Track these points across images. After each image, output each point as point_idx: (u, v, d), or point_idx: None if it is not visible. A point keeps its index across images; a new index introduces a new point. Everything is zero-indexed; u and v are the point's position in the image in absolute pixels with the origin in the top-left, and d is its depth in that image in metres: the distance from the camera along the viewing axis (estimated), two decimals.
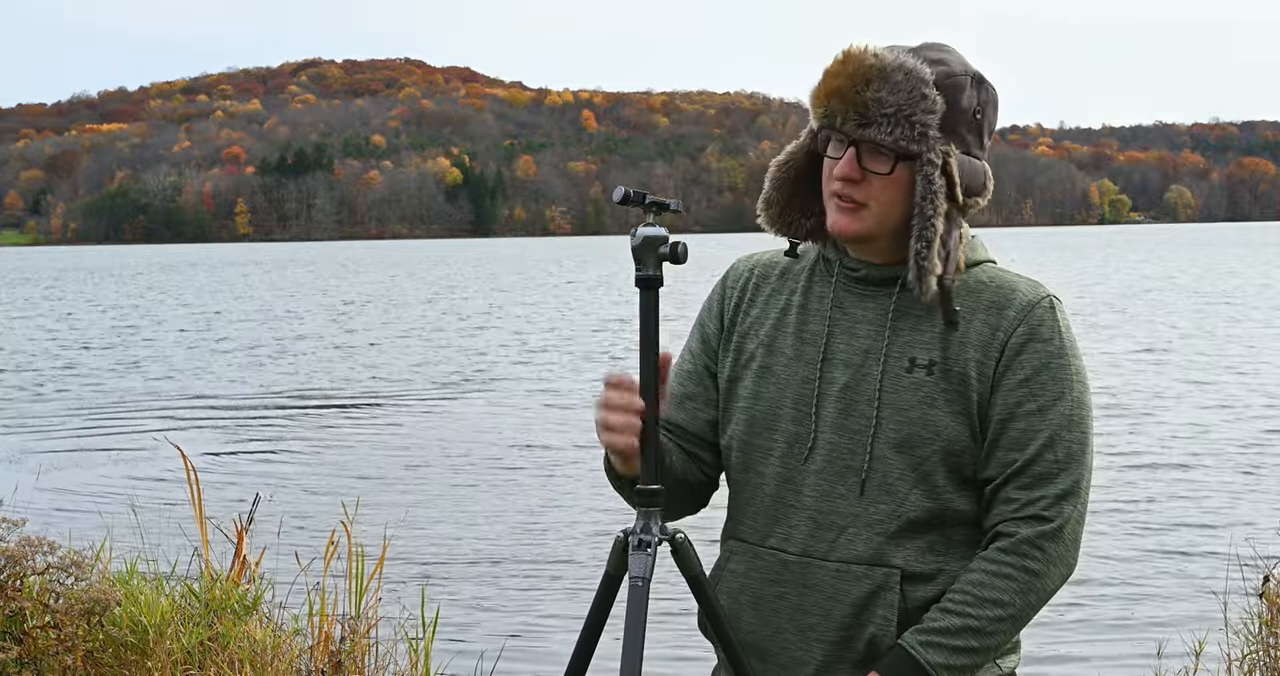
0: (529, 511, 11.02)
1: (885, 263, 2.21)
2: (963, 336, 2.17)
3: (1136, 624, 7.79)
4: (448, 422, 16.39)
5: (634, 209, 2.08)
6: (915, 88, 2.10)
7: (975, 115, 2.18)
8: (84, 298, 52.24)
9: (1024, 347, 2.16)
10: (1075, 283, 47.48)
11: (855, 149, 2.13)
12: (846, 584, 2.18)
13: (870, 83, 2.10)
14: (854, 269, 2.23)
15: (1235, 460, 12.77)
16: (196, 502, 5.07)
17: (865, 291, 2.23)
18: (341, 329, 32.82)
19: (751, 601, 2.24)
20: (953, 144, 2.15)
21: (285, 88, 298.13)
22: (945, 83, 2.13)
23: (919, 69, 2.11)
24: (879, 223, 2.16)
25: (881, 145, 2.11)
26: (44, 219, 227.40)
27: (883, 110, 2.09)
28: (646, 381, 2.08)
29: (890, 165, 2.13)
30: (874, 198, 2.15)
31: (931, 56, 2.15)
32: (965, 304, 2.19)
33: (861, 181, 2.14)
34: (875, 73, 2.10)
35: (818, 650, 2.21)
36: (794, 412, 2.22)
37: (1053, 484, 2.13)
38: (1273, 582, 4.95)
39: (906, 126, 2.10)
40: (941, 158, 2.12)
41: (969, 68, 2.18)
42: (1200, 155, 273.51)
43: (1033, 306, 2.18)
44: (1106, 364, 20.77)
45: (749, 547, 2.26)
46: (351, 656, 4.68)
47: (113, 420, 17.19)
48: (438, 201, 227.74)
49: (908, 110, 2.09)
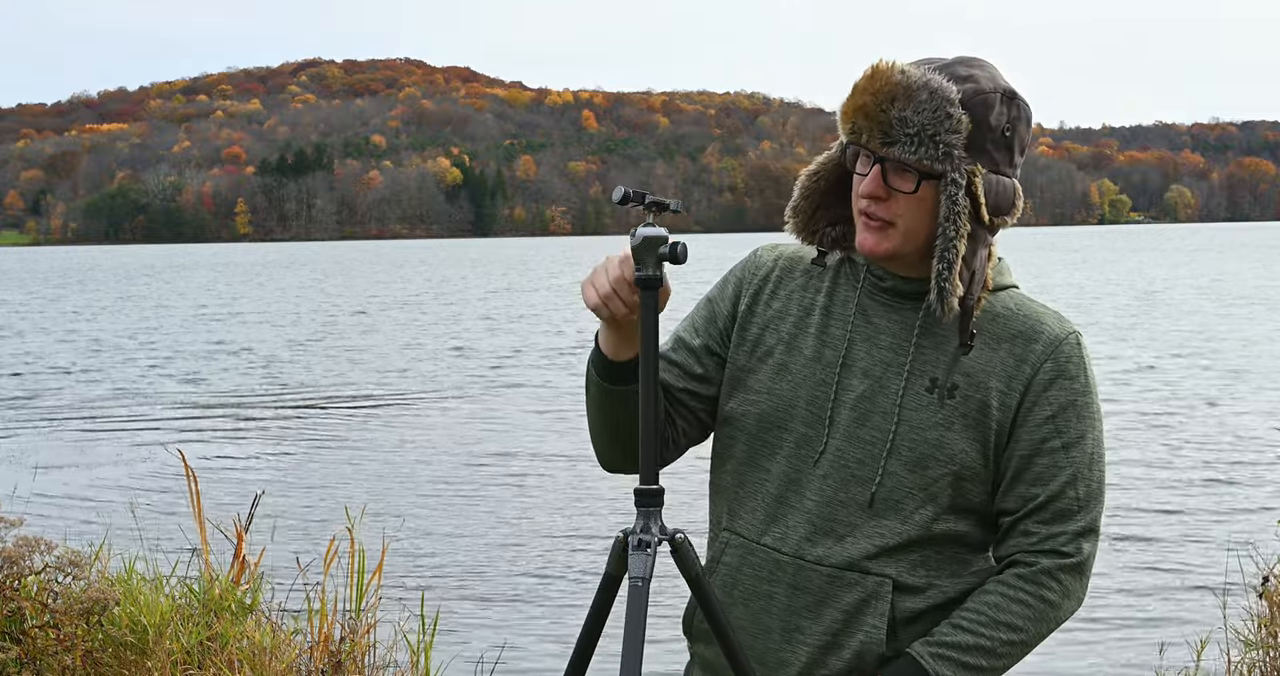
0: (529, 511, 11.02)
1: (913, 276, 2.19)
2: (987, 364, 2.17)
3: (1137, 624, 7.78)
4: (448, 424, 16.39)
5: (634, 209, 2.08)
6: (940, 107, 2.07)
7: (1005, 133, 2.14)
8: (84, 298, 52.23)
9: (1051, 384, 2.16)
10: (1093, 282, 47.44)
11: (881, 166, 2.12)
12: (838, 589, 2.18)
13: (895, 101, 2.08)
14: (881, 278, 2.22)
15: (1236, 460, 12.77)
16: (196, 505, 5.07)
17: (891, 302, 2.22)
18: (342, 329, 32.82)
19: (743, 597, 2.24)
20: (980, 163, 2.12)
21: (285, 88, 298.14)
22: (973, 101, 2.10)
23: (945, 87, 2.08)
24: (906, 241, 2.15)
25: (906, 164, 2.09)
26: (44, 219, 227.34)
27: (906, 130, 2.07)
28: (646, 380, 2.08)
29: (915, 184, 2.11)
30: (900, 216, 2.13)
31: (960, 73, 2.12)
32: (989, 330, 2.19)
33: (887, 199, 2.12)
34: (900, 91, 2.07)
35: (803, 652, 2.20)
36: (807, 414, 2.21)
37: (1074, 521, 2.16)
38: (1273, 583, 4.95)
39: (931, 146, 2.07)
40: (966, 177, 2.10)
41: (999, 84, 2.14)
42: (1200, 155, 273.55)
43: (1060, 342, 2.18)
44: (1108, 364, 20.77)
45: (744, 542, 2.26)
46: (351, 656, 4.68)
47: (112, 420, 17.19)
48: (438, 201, 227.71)
49: (931, 129, 2.07)
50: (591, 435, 2.34)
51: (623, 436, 2.26)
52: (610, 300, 2.10)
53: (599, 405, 2.26)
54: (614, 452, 2.31)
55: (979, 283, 2.15)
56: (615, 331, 2.17)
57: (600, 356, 2.22)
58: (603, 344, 2.21)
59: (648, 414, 2.08)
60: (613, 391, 2.22)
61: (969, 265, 2.13)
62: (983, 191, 2.11)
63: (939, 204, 2.11)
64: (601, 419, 2.27)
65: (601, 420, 2.28)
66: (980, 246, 2.15)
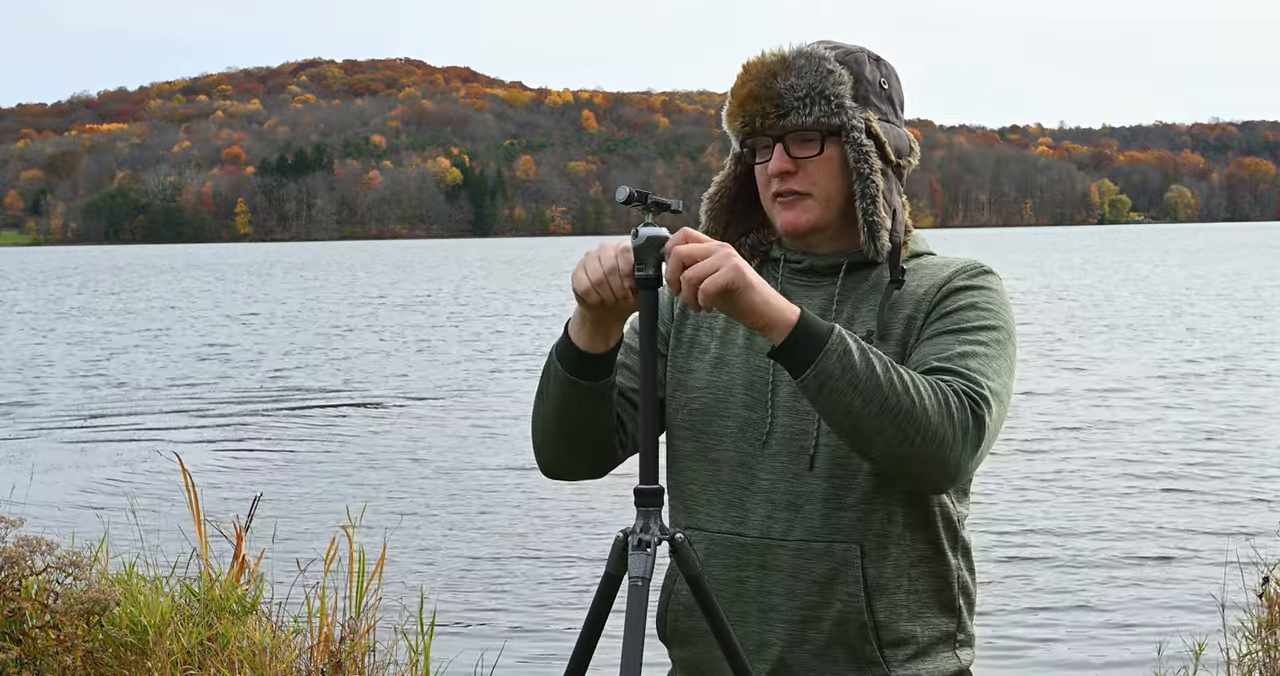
0: (530, 511, 11.02)
1: (827, 252, 2.27)
2: (897, 302, 2.21)
3: (1136, 624, 7.78)
4: (448, 424, 16.39)
5: (635, 209, 2.08)
6: (819, 66, 2.19)
7: (882, 86, 2.26)
8: (83, 298, 52.24)
9: (953, 293, 2.20)
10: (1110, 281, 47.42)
11: (782, 144, 2.20)
12: (806, 562, 2.19)
13: (777, 75, 2.19)
14: (797, 262, 2.29)
15: (1236, 460, 12.77)
16: (194, 507, 5.07)
17: (809, 281, 2.28)
18: (342, 330, 32.83)
19: (715, 587, 2.24)
20: (870, 112, 2.22)
21: (285, 88, 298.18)
22: (845, 59, 2.22)
23: (818, 50, 2.21)
24: (825, 208, 2.23)
25: (805, 128, 2.18)
26: (44, 219, 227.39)
27: (796, 94, 2.18)
28: (646, 380, 2.08)
29: (818, 146, 2.21)
30: (814, 183, 2.22)
31: (826, 43, 2.25)
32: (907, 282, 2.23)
33: (796, 172, 2.21)
34: (780, 65, 2.20)
35: (781, 630, 2.21)
36: (746, 398, 2.25)
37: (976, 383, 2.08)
38: (1272, 583, 4.95)
39: (823, 102, 2.18)
40: (864, 122, 2.20)
41: (863, 47, 2.27)
42: (1200, 155, 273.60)
43: (966, 268, 2.24)
44: (1107, 367, 20.78)
45: (706, 535, 2.27)
46: (351, 656, 4.68)
47: (112, 420, 17.20)
48: (438, 201, 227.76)
49: (819, 87, 2.18)
50: (538, 433, 2.30)
51: (577, 436, 2.25)
52: (601, 286, 2.10)
53: (559, 401, 2.23)
54: (562, 454, 2.29)
55: (901, 221, 2.24)
56: (593, 322, 2.16)
57: (569, 347, 2.20)
58: (574, 334, 2.19)
59: (647, 414, 2.08)
60: (578, 386, 2.20)
61: (889, 202, 2.21)
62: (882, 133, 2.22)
63: (844, 159, 2.20)
64: (557, 416, 2.24)
65: (557, 417, 2.25)
66: (894, 187, 2.24)
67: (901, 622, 2.21)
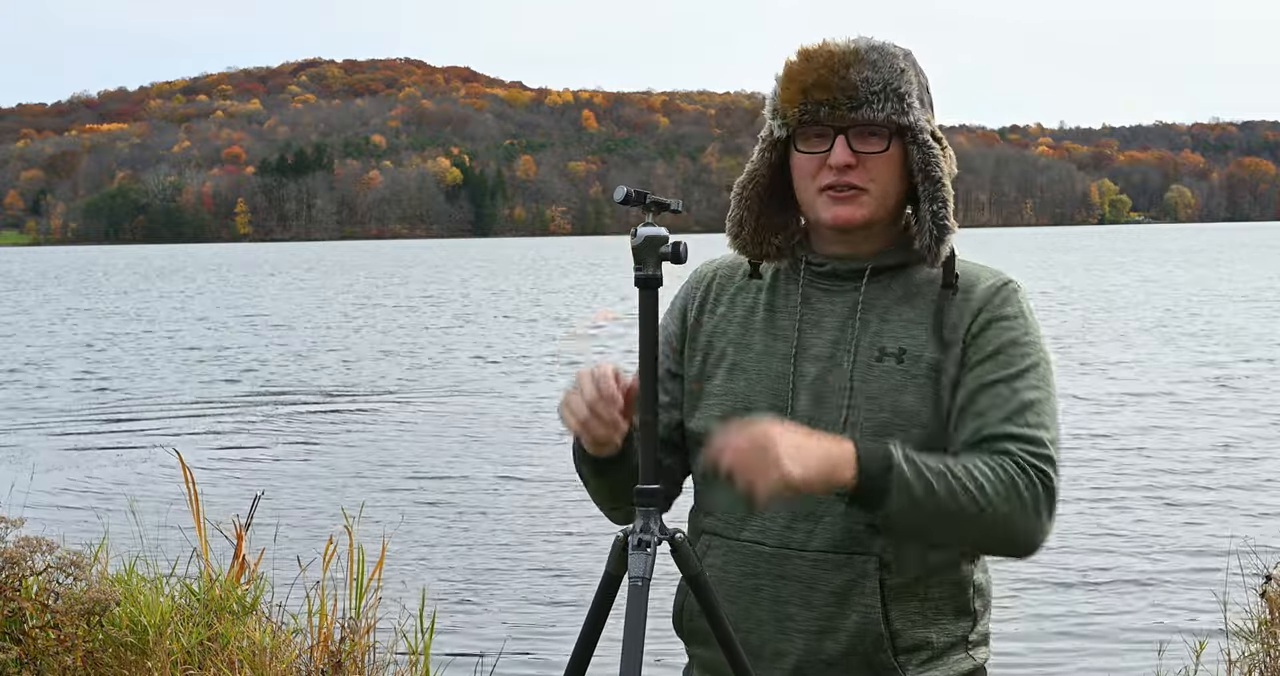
0: (530, 511, 11.02)
1: (855, 256, 2.23)
2: (928, 322, 2.18)
3: (1137, 624, 7.78)
4: (448, 423, 16.38)
5: (634, 209, 2.07)
6: (893, 64, 2.15)
7: (927, 90, 2.23)
8: (84, 298, 52.22)
9: (990, 325, 2.17)
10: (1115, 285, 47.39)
11: (844, 136, 2.15)
12: (824, 573, 2.17)
13: (850, 66, 2.13)
14: (819, 265, 2.25)
15: (1236, 461, 12.76)
16: (194, 506, 5.06)
17: (831, 286, 2.24)
18: (342, 330, 32.82)
19: (730, 595, 2.23)
20: (930, 114, 2.21)
21: (285, 88, 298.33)
22: (907, 57, 2.19)
23: (888, 46, 2.16)
24: (879, 206, 2.19)
25: (874, 124, 2.14)
26: (44, 219, 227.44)
27: (871, 88, 2.13)
28: (646, 380, 2.07)
29: (885, 143, 2.16)
30: (872, 180, 2.17)
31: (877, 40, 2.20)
32: (926, 293, 2.21)
33: (858, 166, 2.16)
34: (852, 57, 2.14)
35: (798, 641, 2.20)
36: (768, 406, 2.22)
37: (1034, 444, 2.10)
38: (1273, 583, 4.95)
39: (896, 100, 2.14)
40: (929, 125, 2.18)
41: None
42: (1200, 155, 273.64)
43: (997, 290, 2.20)
44: (1111, 368, 20.77)
45: (725, 541, 2.25)
46: (351, 656, 4.68)
47: (112, 420, 17.19)
48: (438, 201, 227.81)
49: (894, 83, 2.14)
50: (597, 504, 2.36)
51: (624, 497, 2.24)
52: (590, 424, 2.09)
53: (597, 485, 2.28)
54: (620, 512, 2.32)
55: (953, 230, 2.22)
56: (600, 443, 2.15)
57: (583, 452, 2.22)
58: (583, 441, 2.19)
59: (647, 413, 2.07)
60: (608, 474, 2.23)
61: None
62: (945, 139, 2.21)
63: (904, 159, 2.17)
64: (605, 494, 2.29)
65: (606, 495, 2.29)
66: None
67: (917, 629, 2.20)
